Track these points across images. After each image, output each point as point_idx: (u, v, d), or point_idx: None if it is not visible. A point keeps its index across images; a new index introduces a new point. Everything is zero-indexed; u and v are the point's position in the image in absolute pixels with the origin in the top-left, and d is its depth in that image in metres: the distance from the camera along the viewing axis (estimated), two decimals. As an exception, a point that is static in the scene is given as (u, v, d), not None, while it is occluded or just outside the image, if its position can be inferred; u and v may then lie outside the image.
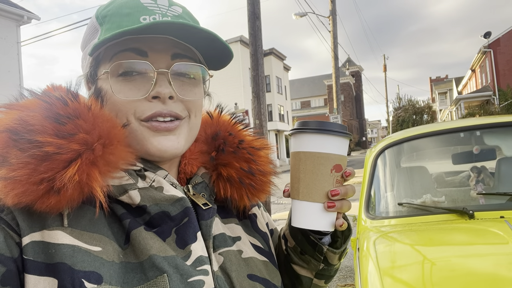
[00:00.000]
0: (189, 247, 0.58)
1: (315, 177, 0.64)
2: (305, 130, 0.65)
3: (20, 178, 0.48)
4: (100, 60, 0.63)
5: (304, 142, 0.65)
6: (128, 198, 0.57)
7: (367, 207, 2.25)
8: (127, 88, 0.60)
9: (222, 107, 0.80)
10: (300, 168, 0.65)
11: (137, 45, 0.60)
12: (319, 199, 0.64)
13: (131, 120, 0.60)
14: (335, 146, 0.65)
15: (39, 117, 0.51)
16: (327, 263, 0.75)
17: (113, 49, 0.61)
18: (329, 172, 0.64)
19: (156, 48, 0.61)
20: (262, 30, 6.74)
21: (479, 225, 1.79)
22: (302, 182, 0.65)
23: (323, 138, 0.64)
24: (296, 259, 0.77)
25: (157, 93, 0.60)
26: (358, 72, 65.46)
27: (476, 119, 2.45)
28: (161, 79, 0.60)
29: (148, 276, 0.53)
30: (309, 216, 0.64)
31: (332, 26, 14.10)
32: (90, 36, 0.65)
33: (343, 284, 4.08)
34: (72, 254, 0.50)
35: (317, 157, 0.64)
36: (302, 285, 0.80)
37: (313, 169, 0.64)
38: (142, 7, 0.62)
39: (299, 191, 0.65)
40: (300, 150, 0.66)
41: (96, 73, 0.63)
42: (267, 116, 7.20)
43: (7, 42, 12.56)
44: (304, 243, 0.74)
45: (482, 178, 2.40)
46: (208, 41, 0.64)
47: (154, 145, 0.61)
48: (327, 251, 0.73)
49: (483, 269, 1.43)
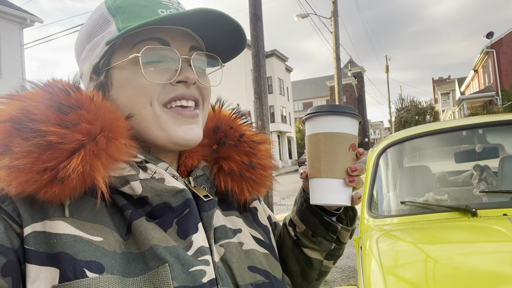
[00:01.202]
0: (190, 237, 0.59)
1: (336, 155, 0.69)
2: (322, 112, 0.70)
3: (23, 167, 0.48)
4: (116, 49, 0.63)
5: (323, 124, 0.70)
6: (129, 189, 0.57)
7: (370, 206, 2.24)
8: (153, 73, 0.61)
9: (223, 101, 0.81)
10: (320, 147, 0.70)
11: (160, 35, 0.63)
12: (339, 175, 0.69)
13: (155, 105, 0.61)
14: (350, 127, 0.71)
15: (42, 107, 0.52)
16: (339, 242, 0.79)
17: (134, 39, 0.62)
18: (347, 150, 0.70)
19: (176, 39, 0.64)
20: (264, 32, 6.75)
21: (482, 223, 1.78)
22: (323, 160, 0.70)
23: (340, 119, 0.70)
24: (307, 242, 0.80)
25: (185, 78, 0.62)
26: (360, 73, 65.38)
27: (478, 117, 2.44)
28: (185, 65, 0.63)
29: (149, 266, 0.53)
30: (330, 192, 0.70)
31: (333, 27, 14.10)
32: (99, 26, 0.65)
33: (346, 284, 4.07)
34: (73, 244, 0.50)
35: (337, 137, 0.69)
36: (312, 267, 0.82)
37: (333, 148, 0.69)
38: (157, 1, 0.65)
39: (320, 169, 0.70)
40: (319, 131, 0.71)
41: (110, 62, 0.64)
42: (269, 117, 7.21)
43: (10, 45, 12.63)
44: (316, 225, 0.77)
45: (485, 176, 2.39)
46: (225, 35, 0.68)
47: (179, 134, 0.62)
48: (341, 229, 0.77)
49: (486, 266, 1.42)
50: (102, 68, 0.64)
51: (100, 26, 0.65)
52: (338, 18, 14.30)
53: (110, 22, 0.64)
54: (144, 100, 0.61)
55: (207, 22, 0.63)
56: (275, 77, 32.44)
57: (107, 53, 0.63)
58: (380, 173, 2.39)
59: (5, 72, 12.21)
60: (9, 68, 12.39)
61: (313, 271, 0.82)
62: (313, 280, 0.84)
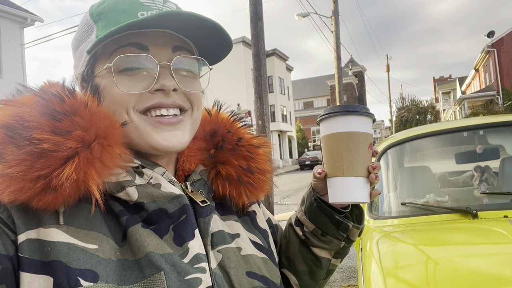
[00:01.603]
0: (186, 244, 0.58)
1: (358, 154, 0.70)
2: (341, 112, 0.71)
3: (16, 175, 0.48)
4: (98, 57, 0.62)
5: (342, 123, 0.71)
6: (125, 195, 0.57)
7: (370, 207, 2.24)
8: (129, 81, 0.60)
9: (221, 104, 0.79)
10: (342, 146, 0.71)
11: (138, 39, 0.61)
12: (362, 173, 0.71)
13: (131, 114, 0.60)
14: (368, 126, 0.73)
15: (36, 114, 0.51)
16: (348, 240, 0.80)
17: (112, 45, 0.61)
18: (367, 148, 0.71)
19: (156, 42, 0.62)
20: (264, 31, 6.74)
21: (482, 224, 1.78)
22: (345, 159, 0.71)
23: (357, 119, 0.71)
24: (317, 241, 0.79)
25: (162, 86, 0.60)
26: (361, 72, 65.31)
27: (479, 118, 2.44)
28: (163, 72, 0.61)
29: (145, 274, 0.53)
30: (353, 190, 0.71)
31: (334, 27, 14.07)
32: (84, 34, 0.65)
33: (347, 284, 4.07)
34: (67, 252, 0.50)
35: (358, 136, 0.71)
36: (321, 267, 0.81)
37: (355, 147, 0.70)
38: (139, 4, 0.62)
39: (343, 168, 0.71)
40: (338, 131, 0.72)
41: (93, 71, 0.63)
42: (270, 116, 7.20)
43: (11, 44, 12.63)
44: (327, 224, 0.77)
45: (486, 177, 2.38)
46: (207, 34, 0.65)
47: (158, 141, 0.61)
48: (352, 227, 0.78)
49: (486, 268, 1.42)
50: (87, 78, 0.64)
51: (84, 34, 0.65)
52: (339, 17, 14.28)
53: (93, 30, 0.63)
54: (120, 109, 0.60)
55: (186, 23, 0.61)
56: (276, 76, 32.42)
57: (89, 62, 0.63)
58: (381, 174, 2.38)
59: (5, 71, 12.22)
60: (9, 68, 12.39)
61: (321, 270, 0.82)
62: (321, 279, 0.83)
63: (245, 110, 11.32)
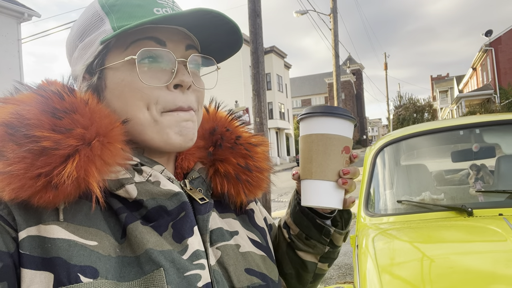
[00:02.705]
0: (185, 241, 0.59)
1: (328, 157, 0.68)
2: (317, 113, 0.69)
3: (16, 173, 0.48)
4: (111, 48, 0.61)
5: (316, 125, 0.69)
6: (125, 192, 0.57)
7: (366, 204, 2.25)
8: (150, 75, 0.60)
9: (219, 103, 0.80)
10: (313, 149, 0.69)
11: (155, 34, 0.61)
12: (331, 178, 0.68)
13: (152, 110, 0.60)
14: (344, 129, 0.69)
15: (36, 111, 0.51)
16: (333, 245, 0.79)
17: (129, 38, 0.60)
18: (340, 152, 0.69)
19: (172, 38, 0.62)
20: (262, 28, 6.73)
21: (477, 222, 1.79)
22: (314, 162, 0.69)
23: (334, 121, 0.68)
24: (301, 245, 0.79)
25: (181, 81, 0.61)
26: (359, 70, 65.33)
27: (475, 117, 2.45)
28: (181, 68, 0.62)
29: (144, 270, 0.53)
30: (321, 194, 0.68)
31: (333, 24, 14.06)
32: (92, 25, 0.64)
33: (343, 281, 4.09)
34: (67, 249, 0.50)
35: (329, 138, 0.68)
36: (307, 270, 0.81)
37: (325, 149, 0.68)
38: (152, 0, 0.63)
39: (312, 170, 0.69)
40: (312, 132, 0.69)
41: (104, 62, 0.62)
42: (268, 114, 7.21)
43: (8, 39, 12.55)
44: (310, 228, 0.76)
45: (482, 176, 2.40)
46: (218, 35, 0.66)
47: (175, 132, 0.61)
48: (334, 232, 0.76)
49: (481, 266, 1.43)
50: (95, 68, 0.63)
51: (93, 25, 0.64)
52: (337, 15, 14.27)
53: (104, 21, 0.62)
54: (140, 104, 0.60)
55: (204, 22, 0.62)
56: (274, 73, 32.39)
57: (101, 52, 0.62)
58: (377, 171, 2.39)
59: (2, 67, 12.14)
60: (6, 63, 12.31)
61: (308, 274, 0.82)
62: (308, 282, 0.83)
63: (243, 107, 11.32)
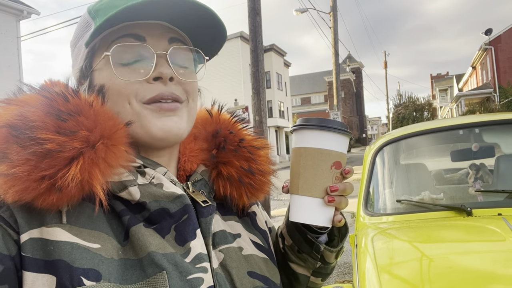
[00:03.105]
0: (188, 244, 0.59)
1: (315, 173, 0.65)
2: (307, 126, 0.66)
3: (20, 175, 0.48)
4: (96, 50, 0.63)
5: (306, 138, 0.66)
6: (127, 195, 0.57)
7: (366, 203, 2.26)
8: (127, 71, 0.60)
9: (222, 105, 0.80)
10: (301, 163, 0.66)
11: (135, 30, 0.62)
12: (318, 194, 0.65)
13: (133, 103, 0.60)
14: (336, 143, 0.66)
15: (40, 113, 0.51)
16: (324, 262, 0.76)
17: (110, 37, 0.62)
18: (329, 168, 0.65)
19: (153, 33, 0.63)
20: (262, 26, 6.72)
21: (476, 222, 1.80)
22: (302, 177, 0.66)
23: (324, 135, 0.65)
24: (294, 257, 0.77)
25: (159, 74, 0.61)
26: (358, 68, 65.29)
27: (475, 116, 2.45)
28: (160, 61, 0.61)
29: (147, 273, 0.53)
30: (307, 211, 0.65)
31: (333, 22, 14.04)
32: (82, 31, 0.66)
33: (342, 280, 4.10)
34: (70, 251, 0.50)
35: (318, 153, 0.65)
36: (299, 283, 0.80)
37: (313, 164, 0.65)
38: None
39: (299, 186, 0.66)
40: (301, 145, 0.67)
41: (91, 65, 0.63)
42: (267, 112, 7.20)
43: (7, 37, 12.51)
44: (301, 241, 0.74)
45: (481, 175, 2.41)
46: (201, 25, 0.66)
47: (158, 126, 0.61)
48: (324, 249, 0.74)
49: (480, 266, 1.44)
50: (85, 72, 0.64)
51: (82, 31, 0.65)
52: (337, 13, 14.25)
53: (91, 26, 0.63)
54: (122, 99, 0.60)
55: (186, 14, 0.62)
56: (273, 72, 32.34)
57: (88, 56, 0.63)
58: (377, 171, 2.40)
59: (1, 64, 12.11)
60: (5, 61, 12.27)
61: (300, 286, 0.81)
62: None
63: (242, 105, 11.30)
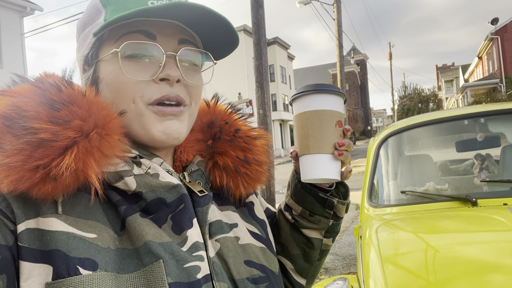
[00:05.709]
0: (185, 233, 0.59)
1: (323, 131, 0.72)
2: (309, 91, 0.73)
3: (15, 165, 0.48)
4: (104, 40, 0.62)
5: (309, 102, 0.73)
6: (123, 185, 0.57)
7: (370, 195, 2.25)
8: (135, 69, 0.60)
9: (219, 97, 0.79)
10: (308, 125, 0.73)
11: (146, 27, 0.61)
12: (328, 150, 0.72)
13: (138, 102, 0.60)
14: (336, 104, 0.73)
15: (33, 103, 0.51)
16: (336, 217, 0.81)
17: (120, 31, 0.61)
18: (334, 126, 0.72)
19: (164, 32, 0.62)
20: (265, 19, 6.68)
21: (482, 212, 1.78)
22: (311, 137, 0.72)
23: (326, 97, 0.72)
24: (306, 222, 0.80)
25: (167, 75, 0.60)
26: (363, 60, 64.87)
27: (480, 106, 2.43)
28: (169, 62, 0.61)
29: (144, 262, 0.53)
30: (320, 167, 0.72)
31: (336, 14, 13.92)
32: (91, 16, 0.65)
33: (347, 272, 4.11)
34: (66, 241, 0.50)
35: (323, 114, 0.72)
36: (313, 248, 0.82)
37: (320, 124, 0.72)
38: None
39: (309, 146, 0.72)
40: (306, 110, 0.73)
41: (98, 54, 0.63)
42: (271, 105, 7.19)
43: (11, 34, 12.56)
44: (313, 203, 0.79)
45: (486, 165, 2.39)
46: (214, 30, 0.65)
47: (159, 130, 0.61)
48: (337, 203, 0.79)
49: (485, 256, 1.43)
50: (91, 60, 0.64)
51: (91, 17, 0.64)
52: (341, 4, 14.13)
53: (101, 13, 0.63)
54: (126, 97, 0.60)
55: (196, 16, 0.61)
56: (277, 65, 32.22)
57: (95, 45, 0.62)
58: (381, 162, 2.38)
59: (6, 61, 12.17)
60: (10, 57, 12.34)
61: (315, 251, 0.83)
62: (315, 260, 0.84)
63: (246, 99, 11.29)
